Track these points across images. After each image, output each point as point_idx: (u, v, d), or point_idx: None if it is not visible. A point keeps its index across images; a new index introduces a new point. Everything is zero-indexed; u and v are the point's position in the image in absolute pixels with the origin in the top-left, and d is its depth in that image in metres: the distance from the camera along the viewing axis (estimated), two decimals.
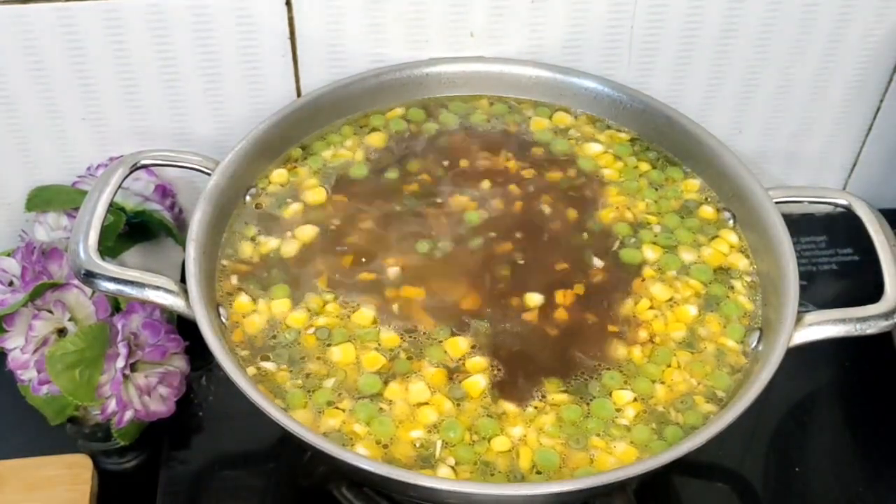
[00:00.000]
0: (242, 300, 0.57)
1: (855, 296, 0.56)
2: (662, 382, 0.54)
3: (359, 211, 0.62)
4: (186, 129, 0.71)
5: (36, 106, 0.68)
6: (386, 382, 0.54)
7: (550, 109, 0.69)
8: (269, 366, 0.54)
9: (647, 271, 0.59)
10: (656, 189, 0.64)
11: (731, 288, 0.59)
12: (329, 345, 0.55)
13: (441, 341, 0.55)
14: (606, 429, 0.52)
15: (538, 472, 0.50)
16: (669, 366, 0.55)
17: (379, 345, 0.55)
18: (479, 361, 0.54)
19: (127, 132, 0.71)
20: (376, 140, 0.67)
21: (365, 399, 0.53)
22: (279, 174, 0.64)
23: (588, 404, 0.53)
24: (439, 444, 0.51)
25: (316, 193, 0.63)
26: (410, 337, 0.56)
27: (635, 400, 0.53)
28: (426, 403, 0.53)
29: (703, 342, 0.56)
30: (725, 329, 0.57)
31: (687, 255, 0.60)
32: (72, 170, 0.71)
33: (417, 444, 0.51)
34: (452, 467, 0.50)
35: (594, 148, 0.67)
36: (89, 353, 0.60)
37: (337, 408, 0.53)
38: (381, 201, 0.63)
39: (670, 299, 0.58)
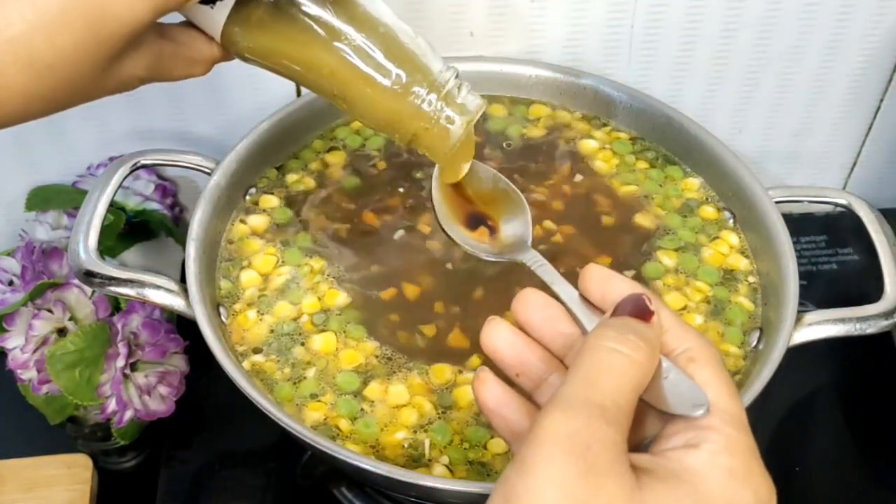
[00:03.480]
0: (249, 316, 0.57)
1: (855, 296, 0.56)
2: None
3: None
4: (186, 129, 0.71)
5: None
6: (365, 383, 0.53)
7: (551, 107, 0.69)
8: (258, 358, 0.55)
9: (668, 279, 0.59)
10: (660, 185, 0.64)
11: (735, 290, 0.59)
12: (321, 331, 0.55)
13: (427, 369, 0.54)
14: None
15: None
16: None
17: (357, 344, 0.55)
18: (469, 377, 0.54)
19: (127, 132, 0.71)
20: (336, 158, 0.66)
21: (347, 395, 0.53)
22: (246, 223, 0.61)
23: None
24: (427, 443, 0.51)
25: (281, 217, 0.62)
26: (390, 359, 0.55)
27: None
28: (406, 405, 0.53)
29: None
30: (724, 335, 0.56)
31: (692, 256, 0.60)
32: (72, 170, 0.71)
33: (405, 445, 0.51)
34: (447, 466, 0.50)
35: (591, 144, 0.67)
36: (89, 352, 0.60)
37: (319, 401, 0.53)
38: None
39: (684, 307, 0.58)
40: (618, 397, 0.33)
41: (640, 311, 0.37)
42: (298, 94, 0.70)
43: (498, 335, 0.40)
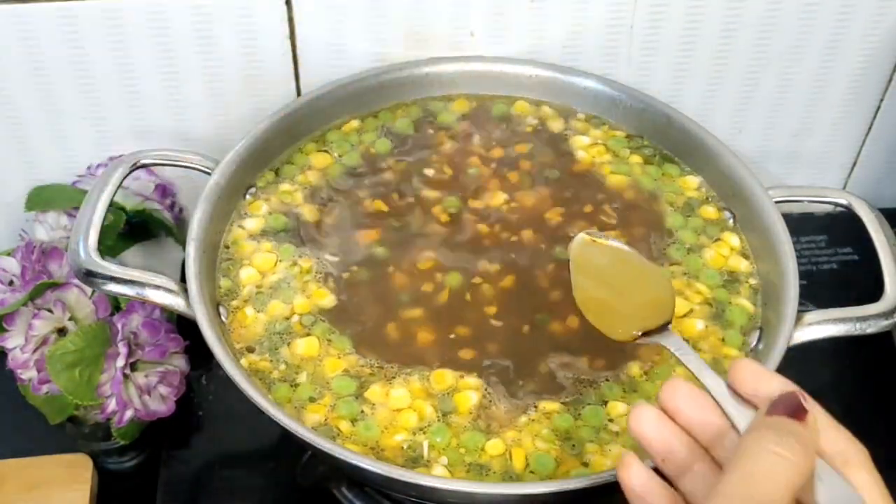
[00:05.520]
0: (248, 312, 0.57)
1: (855, 296, 0.56)
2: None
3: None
4: (186, 129, 0.71)
5: (36, 105, 0.68)
6: (363, 386, 0.53)
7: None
8: (253, 356, 0.55)
9: (673, 282, 0.58)
10: (655, 180, 0.64)
11: (736, 292, 0.58)
12: (306, 334, 0.55)
13: (428, 374, 0.54)
14: (597, 434, 0.52)
15: (531, 473, 0.50)
16: None
17: (340, 354, 0.55)
18: (471, 382, 0.54)
19: (127, 132, 0.71)
20: (325, 162, 0.65)
21: (347, 398, 0.53)
22: (246, 225, 0.61)
23: (580, 415, 0.52)
24: (426, 444, 0.51)
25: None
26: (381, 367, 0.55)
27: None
28: (407, 408, 0.52)
29: (702, 354, 0.55)
30: (724, 341, 0.56)
31: (696, 258, 0.60)
32: (72, 169, 0.71)
33: (405, 447, 0.51)
34: (446, 466, 0.50)
35: (583, 141, 0.66)
36: (89, 352, 0.60)
37: (318, 403, 0.53)
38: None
39: (688, 312, 0.57)
40: (777, 500, 0.34)
41: (794, 409, 0.37)
42: (298, 93, 0.70)
43: (646, 420, 0.41)
